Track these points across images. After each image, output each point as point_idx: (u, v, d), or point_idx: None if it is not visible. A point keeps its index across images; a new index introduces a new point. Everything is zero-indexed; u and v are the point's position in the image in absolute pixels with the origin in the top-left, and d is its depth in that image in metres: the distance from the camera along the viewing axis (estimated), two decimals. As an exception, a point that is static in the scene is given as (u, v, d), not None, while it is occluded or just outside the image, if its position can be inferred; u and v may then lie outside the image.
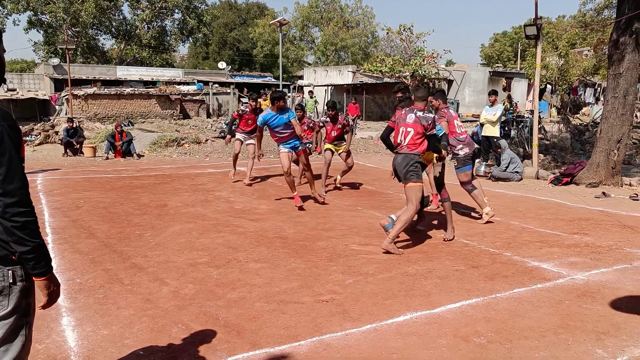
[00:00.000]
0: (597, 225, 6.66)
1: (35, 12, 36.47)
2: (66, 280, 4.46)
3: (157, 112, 25.38)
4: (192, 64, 54.88)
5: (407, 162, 5.48)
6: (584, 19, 28.03)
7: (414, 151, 5.50)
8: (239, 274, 4.71)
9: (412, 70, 24.93)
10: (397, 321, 3.72)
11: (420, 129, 5.48)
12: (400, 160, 5.55)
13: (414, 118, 5.52)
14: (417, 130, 5.48)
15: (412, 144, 5.50)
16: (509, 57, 54.79)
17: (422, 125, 5.48)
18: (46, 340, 3.37)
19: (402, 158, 5.53)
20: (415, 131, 5.48)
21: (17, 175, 1.93)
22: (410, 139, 5.50)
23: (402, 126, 5.58)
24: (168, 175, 10.90)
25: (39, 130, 17.49)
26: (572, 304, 4.03)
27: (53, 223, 6.58)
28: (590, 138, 15.36)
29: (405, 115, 5.62)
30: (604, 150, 9.38)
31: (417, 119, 5.49)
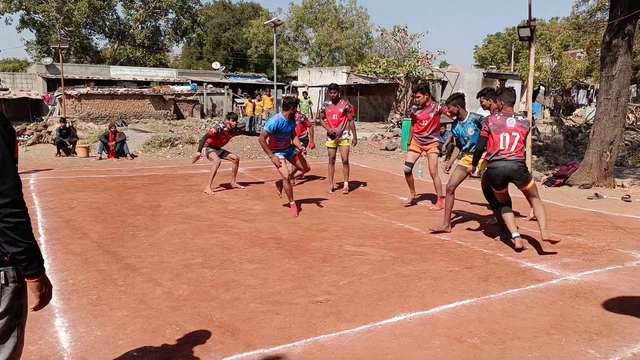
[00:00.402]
0: (590, 227, 6.70)
1: (28, 11, 36.27)
2: (59, 281, 4.43)
3: (151, 112, 25.31)
4: (186, 64, 54.76)
5: (521, 165, 5.50)
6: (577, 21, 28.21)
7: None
8: (233, 275, 4.70)
9: (406, 71, 24.98)
10: (391, 322, 3.73)
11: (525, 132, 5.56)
12: (515, 166, 5.45)
13: (515, 122, 5.50)
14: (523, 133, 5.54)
15: (519, 149, 5.52)
16: (502, 59, 55.01)
17: (526, 129, 5.55)
18: (39, 342, 3.35)
19: (514, 164, 5.45)
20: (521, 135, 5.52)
21: (10, 176, 1.92)
22: (517, 144, 5.48)
23: (505, 132, 5.49)
24: (162, 176, 10.86)
25: (32, 130, 17.39)
26: (565, 305, 4.05)
27: (46, 223, 6.55)
28: (583, 139, 15.45)
29: (504, 120, 5.52)
30: (596, 152, 9.43)
31: (519, 123, 5.51)
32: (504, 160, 5.46)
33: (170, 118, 25.33)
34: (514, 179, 5.49)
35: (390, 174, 11.58)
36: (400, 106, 26.22)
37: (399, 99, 26.66)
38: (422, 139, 8.00)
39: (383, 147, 16.19)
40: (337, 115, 8.73)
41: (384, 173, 11.71)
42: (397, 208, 7.83)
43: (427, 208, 7.88)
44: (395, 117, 22.70)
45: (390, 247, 5.65)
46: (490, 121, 5.62)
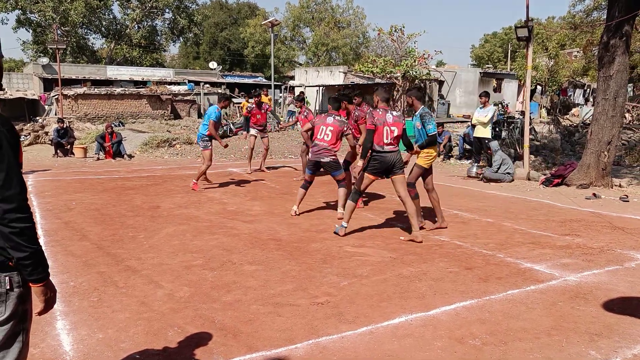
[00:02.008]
0: (589, 227, 6.73)
1: (24, 10, 36.10)
2: (60, 283, 4.43)
3: (148, 113, 25.24)
4: (182, 63, 54.69)
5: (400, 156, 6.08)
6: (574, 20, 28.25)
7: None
8: (234, 277, 4.70)
9: (403, 71, 25.00)
10: (393, 323, 3.74)
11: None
12: (398, 156, 6.05)
13: (392, 118, 6.05)
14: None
15: (397, 142, 6.07)
16: (499, 58, 55.10)
17: (402, 123, 6.11)
18: (41, 345, 3.35)
19: (397, 154, 6.06)
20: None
21: (15, 181, 1.92)
22: (396, 137, 6.05)
23: (386, 126, 5.99)
24: (160, 177, 10.85)
25: (29, 131, 17.35)
26: (565, 306, 4.07)
27: (45, 225, 6.53)
28: (580, 139, 15.50)
29: (384, 115, 6.02)
30: (594, 152, 9.47)
31: (396, 118, 6.08)
32: (387, 152, 5.98)
33: (168, 118, 25.26)
34: (395, 168, 6.04)
35: (389, 174, 11.57)
36: (397, 106, 26.23)
37: (396, 99, 26.67)
38: None
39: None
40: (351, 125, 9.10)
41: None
42: (396, 208, 7.84)
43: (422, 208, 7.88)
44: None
45: (389, 248, 5.66)
46: (375, 116, 6.03)
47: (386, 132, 5.95)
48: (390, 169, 6.03)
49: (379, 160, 6.01)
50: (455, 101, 29.26)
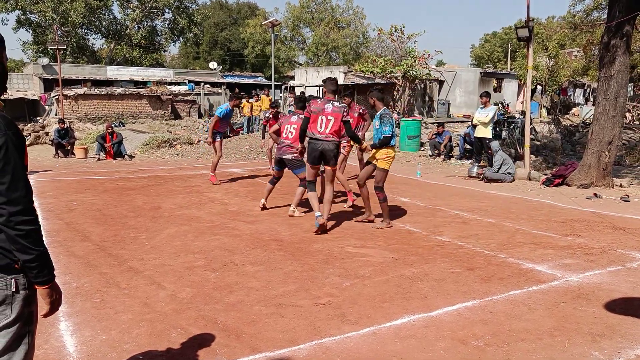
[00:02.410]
0: (590, 227, 6.73)
1: (24, 11, 36.12)
2: (62, 284, 4.41)
3: (148, 113, 25.27)
4: (182, 64, 54.69)
5: (335, 146, 6.35)
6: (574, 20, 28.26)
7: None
8: (236, 277, 4.71)
9: (403, 70, 25.01)
10: (395, 324, 3.75)
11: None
12: (330, 146, 6.28)
13: (332, 108, 6.26)
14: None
15: (334, 131, 6.28)
16: (499, 58, 55.13)
17: (341, 114, 6.25)
18: (44, 346, 3.35)
19: (330, 144, 6.28)
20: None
21: (21, 184, 1.93)
22: (332, 126, 6.25)
23: (323, 115, 6.26)
24: (161, 177, 10.85)
25: (30, 131, 17.36)
26: (568, 306, 4.07)
27: (47, 226, 6.54)
28: (580, 139, 15.51)
29: (324, 105, 6.28)
30: (595, 152, 9.48)
31: (335, 109, 6.27)
32: (320, 140, 6.20)
33: (168, 118, 25.29)
34: (327, 157, 6.27)
35: (389, 174, 11.55)
36: (397, 106, 26.24)
37: (396, 99, 26.68)
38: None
39: (381, 147, 16.21)
40: (353, 119, 9.11)
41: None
42: (397, 209, 7.84)
43: (424, 208, 7.89)
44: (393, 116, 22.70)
45: (391, 249, 5.67)
46: (312, 104, 6.30)
47: (321, 121, 6.20)
48: (323, 157, 6.29)
49: (312, 147, 6.28)
50: (455, 101, 29.26)
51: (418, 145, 15.81)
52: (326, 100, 6.32)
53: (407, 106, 26.45)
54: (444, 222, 6.96)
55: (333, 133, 6.22)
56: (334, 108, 6.22)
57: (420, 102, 27.82)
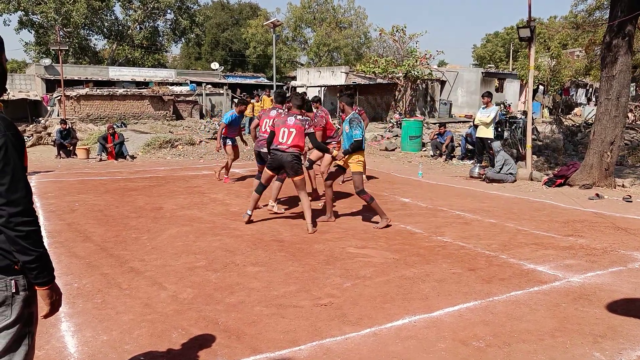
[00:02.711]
0: (592, 227, 6.72)
1: (27, 12, 36.19)
2: (64, 284, 4.44)
3: (150, 113, 25.28)
4: (184, 64, 54.70)
5: (295, 158, 6.52)
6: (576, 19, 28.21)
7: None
8: (237, 278, 4.71)
9: (405, 71, 25.02)
10: (396, 325, 3.74)
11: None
12: (289, 158, 6.46)
13: (294, 121, 6.50)
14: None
15: (295, 143, 6.49)
16: (501, 58, 55.08)
17: (303, 127, 6.49)
18: (46, 347, 3.36)
19: (289, 156, 6.47)
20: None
21: (21, 185, 1.93)
22: (294, 139, 6.45)
23: (284, 127, 6.49)
24: (163, 177, 10.86)
25: (32, 132, 17.39)
26: (569, 307, 4.07)
27: (48, 226, 6.55)
28: (582, 139, 15.48)
29: (286, 118, 6.56)
30: (597, 152, 9.46)
31: (298, 122, 6.50)
32: (280, 151, 6.43)
33: (170, 119, 25.30)
34: (286, 168, 6.48)
35: (391, 175, 11.60)
36: (399, 106, 26.23)
37: (397, 99, 26.68)
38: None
39: (383, 147, 16.21)
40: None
41: (384, 174, 11.72)
42: (398, 209, 7.84)
43: (425, 208, 7.89)
44: (394, 117, 22.71)
45: (392, 249, 5.66)
46: (276, 117, 6.67)
47: (283, 133, 6.45)
48: (283, 167, 6.53)
49: (272, 157, 6.56)
50: (457, 101, 29.25)
51: (419, 145, 15.80)
52: (290, 113, 6.62)
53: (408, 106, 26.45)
54: (446, 223, 6.95)
55: (294, 145, 6.44)
56: (296, 121, 6.47)
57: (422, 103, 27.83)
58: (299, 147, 6.50)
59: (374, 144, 16.99)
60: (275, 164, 6.54)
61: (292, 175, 6.48)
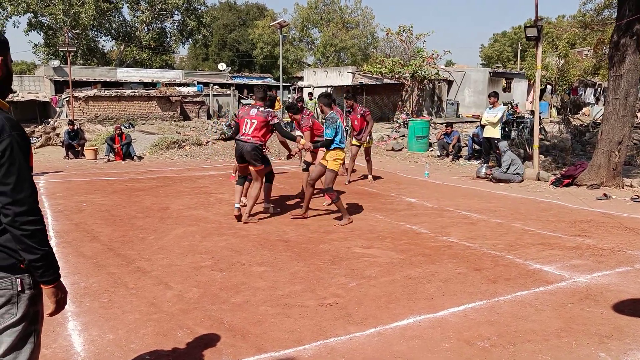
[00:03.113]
0: (599, 227, 6.68)
1: (36, 14, 36.50)
2: (71, 284, 4.48)
3: (158, 114, 25.40)
4: (191, 65, 54.92)
5: (254, 148, 6.72)
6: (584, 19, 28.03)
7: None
8: (243, 278, 4.73)
9: (412, 71, 24.97)
10: (401, 325, 3.74)
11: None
12: (249, 147, 6.68)
13: (255, 112, 6.75)
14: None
15: (256, 133, 6.70)
16: (508, 58, 54.87)
17: (264, 118, 6.70)
18: (53, 345, 3.39)
19: (249, 145, 6.68)
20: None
21: (27, 184, 1.95)
22: (254, 130, 6.69)
23: (247, 119, 6.76)
24: (169, 178, 10.91)
25: (40, 133, 17.51)
26: (575, 307, 4.05)
27: (56, 226, 6.60)
28: (590, 139, 15.38)
29: (249, 110, 6.85)
30: (605, 152, 9.40)
31: (259, 113, 6.73)
32: (242, 141, 6.69)
33: (177, 119, 25.40)
34: (246, 157, 6.69)
35: (398, 175, 11.58)
36: (406, 106, 26.19)
37: (404, 99, 26.64)
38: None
39: (390, 147, 16.20)
40: (358, 121, 9.90)
41: (391, 174, 11.71)
42: (404, 209, 7.83)
43: (431, 208, 7.87)
44: (401, 117, 22.68)
45: (398, 249, 5.66)
46: (241, 110, 7.02)
47: (245, 124, 6.72)
48: (244, 157, 6.73)
49: (236, 147, 6.85)
50: (464, 101, 29.16)
51: (426, 145, 15.77)
52: (253, 105, 6.90)
53: (415, 106, 26.40)
54: (452, 223, 6.94)
55: (254, 136, 6.66)
56: (258, 112, 6.72)
57: (429, 102, 27.77)
58: (259, 137, 6.71)
59: (381, 144, 16.97)
60: (237, 153, 6.83)
61: (252, 164, 6.73)
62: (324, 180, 6.92)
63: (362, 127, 9.90)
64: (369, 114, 9.88)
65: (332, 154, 6.83)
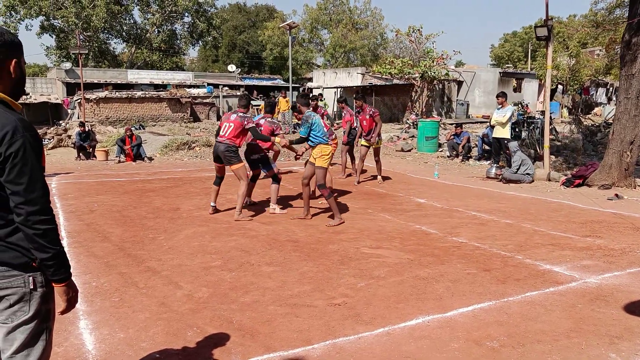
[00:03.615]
0: (610, 228, 6.63)
1: (48, 17, 36.86)
2: (82, 283, 4.52)
3: (168, 115, 25.56)
4: (201, 67, 55.17)
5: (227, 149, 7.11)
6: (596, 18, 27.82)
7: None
8: (252, 278, 4.75)
9: (421, 71, 24.90)
10: (410, 325, 3.74)
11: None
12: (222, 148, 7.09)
13: (234, 117, 7.17)
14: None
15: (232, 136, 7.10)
16: (519, 58, 54.49)
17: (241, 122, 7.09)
18: (64, 344, 3.43)
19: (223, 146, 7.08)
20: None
21: (39, 184, 1.98)
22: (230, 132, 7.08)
23: (226, 122, 7.21)
24: (180, 179, 10.98)
25: (52, 134, 17.69)
26: (585, 308, 4.02)
27: (68, 227, 6.67)
28: (602, 139, 15.25)
29: (230, 115, 7.32)
30: (616, 152, 9.32)
31: (237, 117, 7.14)
32: (219, 142, 7.14)
33: (187, 121, 25.54)
34: (220, 156, 7.12)
35: (407, 176, 11.56)
36: (415, 107, 26.13)
37: (414, 100, 26.57)
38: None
39: (399, 148, 16.17)
40: (366, 122, 9.98)
41: (400, 174, 11.70)
42: (414, 210, 7.82)
43: (440, 209, 7.85)
44: (410, 117, 22.63)
45: (407, 250, 5.66)
46: (224, 115, 7.53)
47: (224, 127, 7.15)
48: (219, 157, 7.14)
49: (214, 149, 7.30)
50: (474, 101, 29.01)
51: (436, 146, 15.73)
52: (234, 111, 7.35)
53: (425, 107, 26.32)
54: (461, 223, 6.92)
55: (230, 138, 7.07)
56: (237, 117, 7.13)
57: (439, 103, 27.67)
58: (233, 139, 7.09)
59: (390, 144, 16.94)
60: (214, 154, 7.26)
61: (227, 164, 7.14)
62: (316, 177, 7.01)
63: (371, 128, 9.90)
64: (377, 114, 9.90)
65: (316, 151, 6.93)
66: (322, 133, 6.92)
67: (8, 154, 1.91)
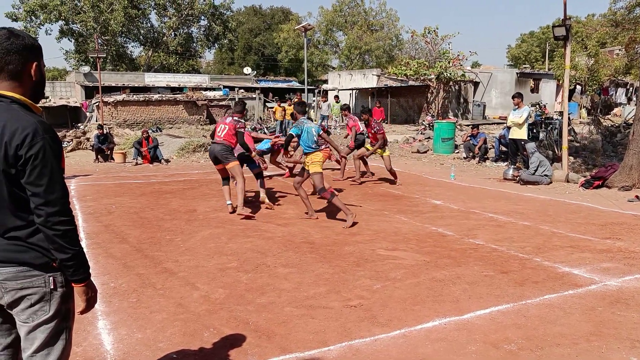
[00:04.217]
0: (631, 230, 6.52)
1: (67, 21, 37.47)
2: (101, 284, 4.58)
3: (184, 118, 25.77)
4: (217, 69, 55.58)
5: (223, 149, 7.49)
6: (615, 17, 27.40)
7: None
8: (268, 279, 4.76)
9: (437, 72, 24.77)
10: (426, 327, 3.72)
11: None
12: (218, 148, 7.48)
13: (229, 120, 7.64)
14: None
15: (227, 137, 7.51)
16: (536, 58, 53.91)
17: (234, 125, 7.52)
18: (83, 343, 3.47)
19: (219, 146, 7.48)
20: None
21: (58, 186, 2.01)
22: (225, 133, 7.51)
23: (222, 124, 7.65)
24: (196, 181, 11.06)
25: (71, 137, 17.94)
26: (605, 311, 3.96)
27: (87, 228, 6.76)
28: (622, 140, 15.02)
29: (226, 118, 7.79)
30: (637, 153, 9.17)
31: (231, 120, 7.61)
32: (215, 143, 7.54)
33: (203, 123, 25.73)
34: (217, 156, 7.48)
35: (423, 177, 11.51)
36: (431, 108, 26.00)
37: (430, 101, 26.45)
38: None
39: (415, 150, 16.10)
40: (371, 135, 10.16)
41: (415, 176, 11.64)
42: (430, 212, 7.78)
43: (457, 210, 7.79)
44: (426, 119, 22.52)
45: (423, 252, 5.62)
46: (221, 118, 7.71)
47: (220, 129, 7.57)
48: (217, 157, 7.49)
49: (210, 151, 7.72)
50: (491, 102, 28.76)
51: (452, 147, 15.63)
52: (230, 115, 7.80)
53: (441, 108, 26.17)
54: (478, 225, 6.86)
55: (225, 138, 7.48)
56: (231, 120, 7.58)
57: (455, 104, 27.49)
58: (228, 140, 7.49)
59: (406, 146, 16.88)
60: (211, 156, 7.66)
61: (224, 162, 7.48)
62: (314, 184, 7.25)
63: (373, 143, 10.22)
64: (382, 132, 10.03)
65: (308, 158, 7.14)
66: (311, 142, 7.08)
67: (28, 156, 1.94)
